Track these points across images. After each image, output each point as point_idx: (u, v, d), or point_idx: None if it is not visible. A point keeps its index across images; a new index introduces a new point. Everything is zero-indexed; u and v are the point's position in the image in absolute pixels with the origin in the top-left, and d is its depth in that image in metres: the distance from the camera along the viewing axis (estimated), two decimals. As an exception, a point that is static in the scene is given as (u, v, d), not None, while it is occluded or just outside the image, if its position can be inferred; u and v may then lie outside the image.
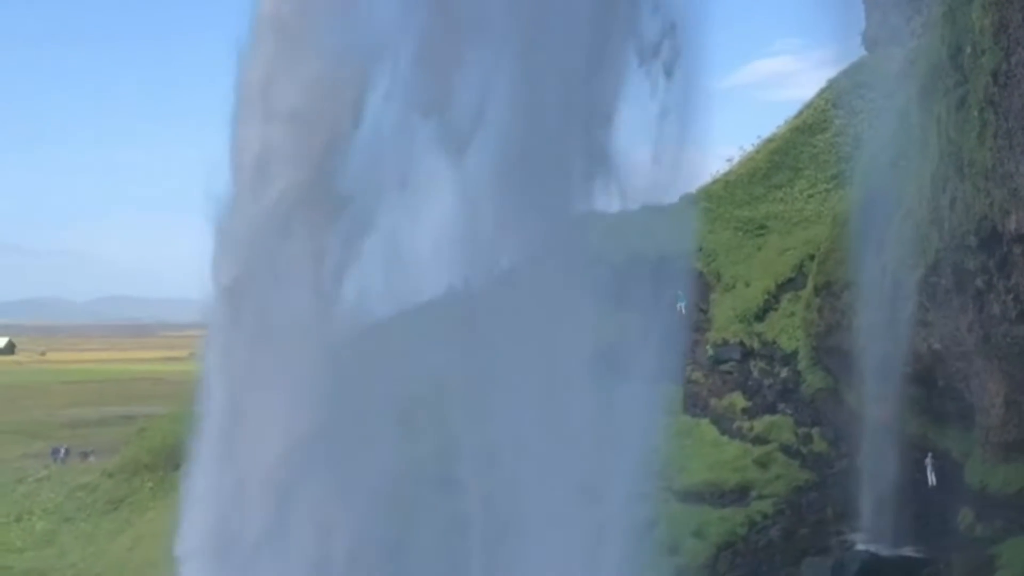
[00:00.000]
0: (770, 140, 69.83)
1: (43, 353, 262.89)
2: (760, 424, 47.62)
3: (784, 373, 50.02)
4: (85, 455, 79.24)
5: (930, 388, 38.20)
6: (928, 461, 39.23)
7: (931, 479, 39.11)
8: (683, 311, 54.60)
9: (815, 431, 46.10)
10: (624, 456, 32.42)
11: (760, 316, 53.44)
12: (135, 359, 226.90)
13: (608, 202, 35.81)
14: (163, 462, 58.52)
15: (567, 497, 31.81)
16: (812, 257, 50.13)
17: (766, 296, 54.00)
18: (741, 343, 52.58)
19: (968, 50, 32.39)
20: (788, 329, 51.46)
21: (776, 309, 53.31)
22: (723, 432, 47.81)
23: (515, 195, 35.54)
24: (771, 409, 48.46)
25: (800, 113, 68.74)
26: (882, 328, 38.28)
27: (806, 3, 44.39)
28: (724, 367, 51.02)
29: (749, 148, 71.29)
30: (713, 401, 50.22)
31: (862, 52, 55.30)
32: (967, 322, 35.22)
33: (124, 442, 73.08)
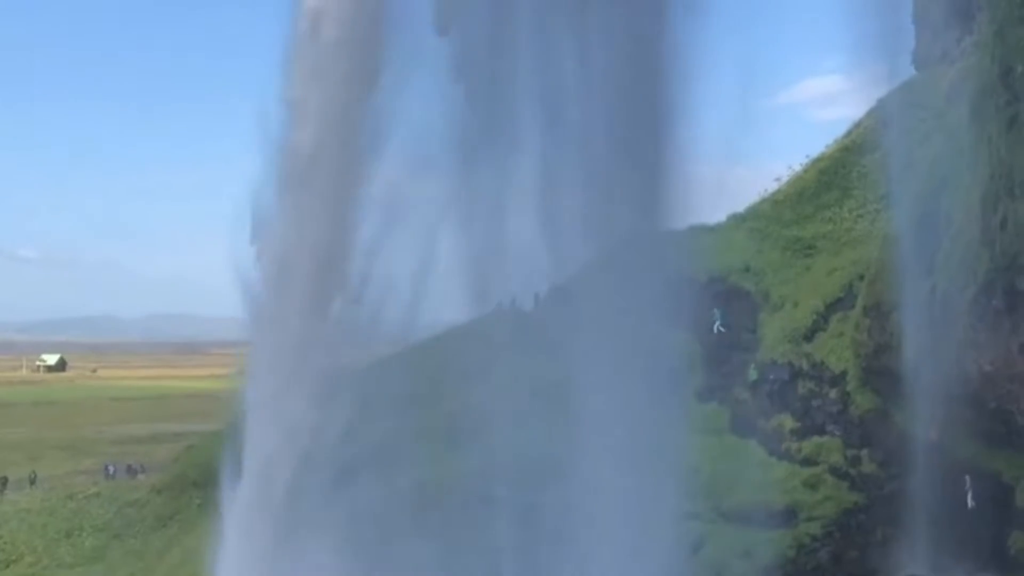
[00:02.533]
0: (819, 159, 69.47)
1: (94, 370, 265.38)
2: (808, 445, 47.29)
3: (833, 394, 49.64)
4: (134, 472, 79.91)
5: (980, 410, 37.80)
6: (967, 483, 38.79)
7: (970, 501, 38.64)
8: (719, 330, 54.36)
9: (864, 453, 45.67)
10: (671, 473, 32.41)
11: (809, 336, 53.05)
12: (185, 376, 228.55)
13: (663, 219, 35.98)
14: (211, 479, 58.94)
15: (615, 515, 31.84)
16: (861, 277, 49.75)
17: (815, 316, 53.62)
18: (789, 363, 52.28)
19: (1019, 69, 32.21)
20: (837, 350, 51.05)
21: (825, 329, 52.90)
22: (771, 453, 47.51)
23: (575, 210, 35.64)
24: (820, 430, 48.11)
25: (849, 132, 68.34)
26: (932, 349, 37.99)
27: (856, 21, 43.94)
28: (771, 388, 50.72)
29: (798, 167, 71.00)
30: (760, 421, 49.93)
31: (912, 71, 55.01)
32: (1018, 343, 34.90)
33: (173, 459, 73.65)
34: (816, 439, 47.50)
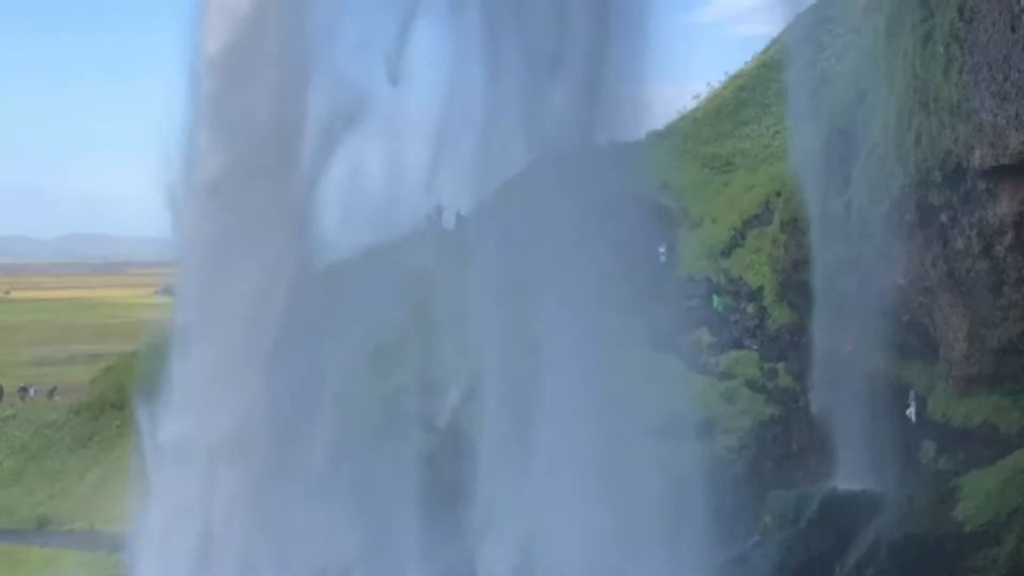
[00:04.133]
0: (737, 76, 69.62)
1: (7, 292, 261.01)
2: (726, 359, 47.80)
3: (750, 309, 50.21)
4: (51, 393, 78.96)
5: (894, 323, 38.42)
6: (911, 399, 39.37)
7: (913, 417, 39.26)
8: (663, 256, 54.43)
9: (781, 366, 46.35)
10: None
11: (727, 252, 53.53)
12: (102, 297, 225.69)
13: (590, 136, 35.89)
14: (130, 400, 58.42)
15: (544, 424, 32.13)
16: (778, 194, 50.14)
17: (732, 232, 54.06)
18: (707, 279, 52.70)
19: (934, -15, 32.42)
20: (754, 265, 51.59)
21: (742, 245, 53.40)
22: (689, 368, 48.00)
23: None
24: (737, 345, 48.67)
25: (767, 49, 68.44)
26: (847, 264, 38.42)
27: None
28: (690, 303, 51.06)
29: (716, 85, 71.08)
30: (678, 336, 50.35)
31: (830, -13, 55.11)
32: (931, 257, 35.45)
33: (91, 380, 72.84)
34: (733, 353, 48.05)
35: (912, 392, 39.39)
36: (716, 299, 51.30)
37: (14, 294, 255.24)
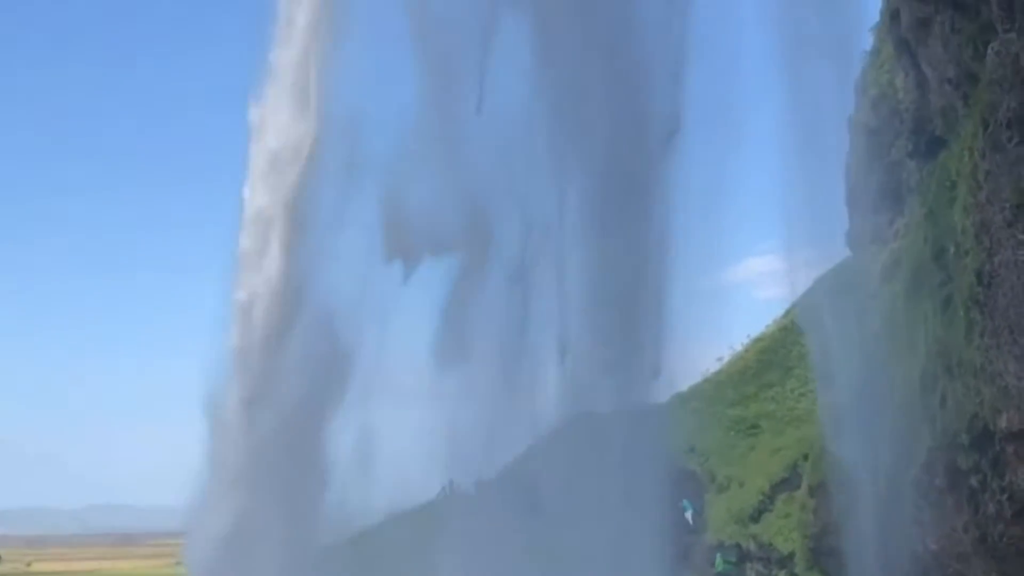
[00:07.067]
0: (759, 339, 70.21)
1: (29, 564, 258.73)
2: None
3: (782, 576, 49.29)
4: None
5: (929, 590, 37.50)
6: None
7: None
8: (690, 519, 53.96)
9: (816, 634, 45.20)
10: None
11: (755, 517, 52.87)
12: (122, 570, 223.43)
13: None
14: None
15: None
16: (806, 457, 49.83)
17: (761, 497, 53.52)
18: (738, 545, 51.92)
19: (952, 250, 32.78)
20: (784, 531, 50.85)
21: (771, 510, 52.77)
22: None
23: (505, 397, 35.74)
24: (770, 613, 47.63)
25: (788, 312, 69.13)
26: (878, 529, 37.83)
27: (790, 204, 45.04)
28: (722, 570, 50.24)
29: (739, 347, 71.61)
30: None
31: (846, 252, 55.96)
32: (963, 522, 34.81)
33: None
34: (767, 621, 46.98)
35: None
36: (719, 560, 50.57)
37: (36, 566, 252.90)
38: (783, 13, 44.16)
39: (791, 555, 49.41)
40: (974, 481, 33.42)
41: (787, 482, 52.78)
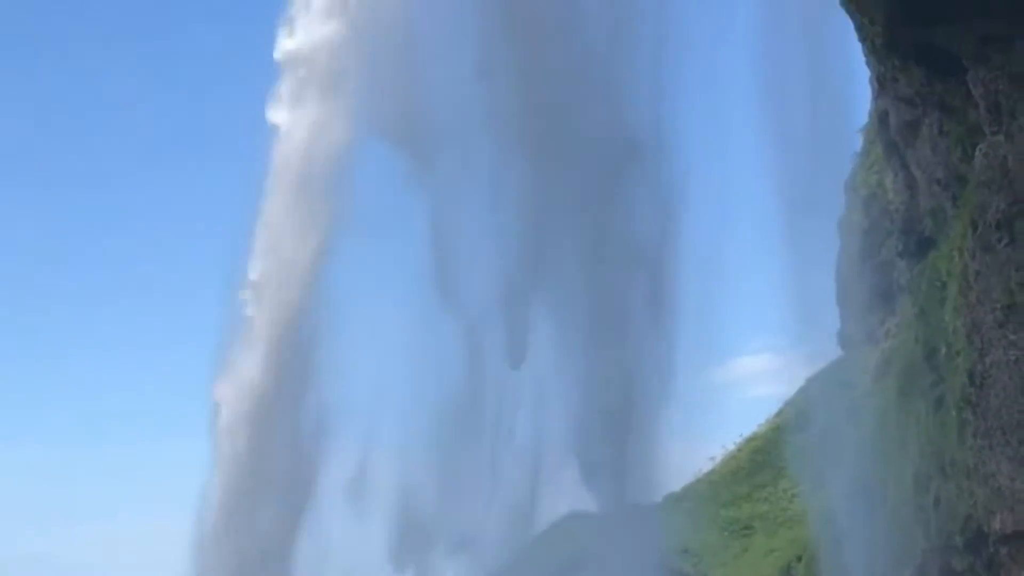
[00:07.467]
0: (752, 439, 69.86)
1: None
2: None
3: None
4: None
5: None
6: None
7: None
8: None
9: None
10: None
11: (750, 620, 52.38)
12: None
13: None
14: None
15: None
16: (799, 558, 49.42)
17: (755, 599, 53.03)
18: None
19: (943, 350, 32.76)
20: (780, 635, 50.37)
21: (766, 614, 52.30)
22: None
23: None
24: None
25: (780, 411, 68.90)
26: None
27: (782, 304, 45.20)
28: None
29: (731, 447, 71.26)
30: None
31: (838, 351, 55.94)
32: (960, 620, 34.47)
33: None
34: None
35: None
36: None
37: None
38: (774, 119, 44.70)
39: (787, 659, 48.93)
40: (969, 583, 33.17)
41: (781, 584, 52.31)
